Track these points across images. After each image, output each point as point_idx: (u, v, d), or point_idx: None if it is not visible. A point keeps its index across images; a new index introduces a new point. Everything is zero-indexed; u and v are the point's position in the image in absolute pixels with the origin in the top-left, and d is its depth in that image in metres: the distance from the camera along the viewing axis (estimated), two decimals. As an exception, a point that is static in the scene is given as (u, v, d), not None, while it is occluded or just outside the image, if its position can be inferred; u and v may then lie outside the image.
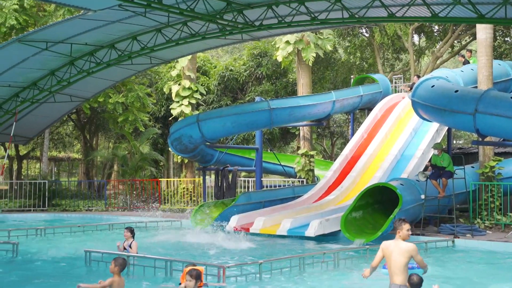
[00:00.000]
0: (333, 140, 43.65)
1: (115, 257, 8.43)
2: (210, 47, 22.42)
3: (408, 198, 14.82)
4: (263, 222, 16.37)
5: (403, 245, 7.22)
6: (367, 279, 7.83)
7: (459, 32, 32.00)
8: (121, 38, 19.18)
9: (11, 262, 12.02)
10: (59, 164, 50.70)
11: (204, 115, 20.36)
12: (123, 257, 8.55)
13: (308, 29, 21.34)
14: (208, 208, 18.99)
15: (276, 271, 10.36)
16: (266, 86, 31.86)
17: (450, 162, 16.05)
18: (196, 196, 24.93)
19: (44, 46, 18.81)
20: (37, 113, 25.44)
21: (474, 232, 15.28)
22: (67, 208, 25.35)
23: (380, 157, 19.90)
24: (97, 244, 14.59)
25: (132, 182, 26.54)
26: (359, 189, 17.33)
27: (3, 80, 21.39)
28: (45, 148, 32.50)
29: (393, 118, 21.50)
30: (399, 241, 7.28)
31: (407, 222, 7.37)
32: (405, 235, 7.27)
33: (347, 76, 36.13)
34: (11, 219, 21.82)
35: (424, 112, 16.43)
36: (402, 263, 7.18)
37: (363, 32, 36.16)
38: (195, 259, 12.18)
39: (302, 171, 24.38)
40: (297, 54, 26.44)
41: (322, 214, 16.69)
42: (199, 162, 22.78)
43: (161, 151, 35.06)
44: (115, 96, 27.57)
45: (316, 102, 21.44)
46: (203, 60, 34.75)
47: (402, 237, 7.25)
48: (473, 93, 15.26)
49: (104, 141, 44.17)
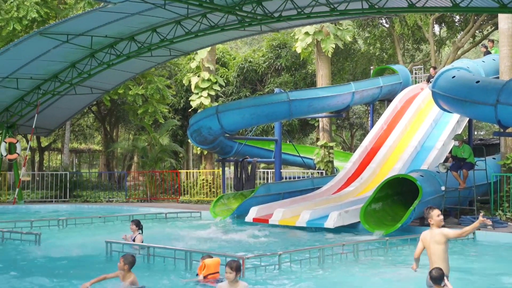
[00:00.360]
0: (353, 132, 43.49)
1: (124, 254, 8.45)
2: (229, 38, 22.43)
3: (428, 189, 14.74)
4: (282, 213, 16.40)
5: (437, 232, 7.17)
6: (387, 271, 7.82)
7: (480, 22, 31.62)
8: (140, 30, 19.28)
9: (34, 252, 12.17)
10: (80, 156, 51.15)
11: (223, 106, 20.39)
12: (132, 254, 8.58)
13: (327, 20, 21.29)
14: (227, 200, 19.09)
15: (296, 262, 10.39)
16: (285, 78, 31.79)
17: (471, 154, 15.91)
18: (216, 188, 25.02)
19: (65, 38, 18.98)
20: (58, 105, 25.70)
21: (495, 224, 15.15)
22: (88, 199, 25.60)
23: (400, 149, 19.79)
24: (117, 235, 14.71)
25: (152, 173, 26.71)
26: (379, 180, 17.27)
27: (25, 73, 21.63)
28: (66, 139, 32.84)
29: (413, 109, 21.35)
30: (433, 229, 7.21)
31: (435, 208, 7.26)
32: (437, 222, 7.16)
33: (366, 67, 35.93)
34: (33, 210, 22.08)
35: (445, 103, 16.29)
36: (440, 251, 7.13)
37: (383, 23, 35.89)
38: (215, 250, 12.26)
39: (321, 163, 24.34)
40: (316, 45, 26.34)
41: (341, 205, 16.66)
42: (218, 154, 22.85)
43: (181, 142, 35.20)
44: (135, 88, 27.73)
45: (336, 93, 21.35)
46: (222, 51, 34.75)
47: (435, 224, 7.15)
48: (494, 84, 15.09)
49: (124, 133, 44.48)
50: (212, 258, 9.45)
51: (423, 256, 7.63)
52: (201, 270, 9.17)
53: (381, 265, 10.89)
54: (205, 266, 9.13)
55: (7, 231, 13.72)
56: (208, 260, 9.26)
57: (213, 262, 9.26)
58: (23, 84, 22.57)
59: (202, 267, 9.20)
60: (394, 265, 10.97)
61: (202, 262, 9.29)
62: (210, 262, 9.21)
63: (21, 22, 23.66)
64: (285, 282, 9.30)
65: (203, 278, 9.07)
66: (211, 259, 9.37)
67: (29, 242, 12.94)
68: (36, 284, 9.01)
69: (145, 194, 26.47)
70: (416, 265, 7.58)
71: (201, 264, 9.29)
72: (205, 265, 9.14)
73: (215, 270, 9.18)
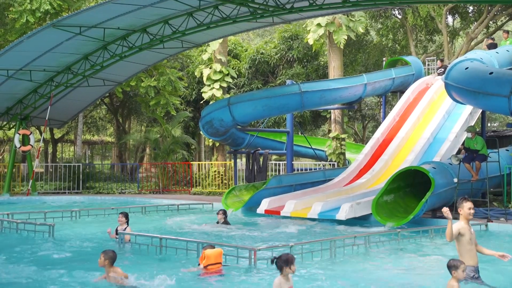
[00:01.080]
0: (365, 123, 43.38)
1: (105, 250, 8.47)
2: (241, 30, 22.41)
3: (440, 181, 14.68)
4: (294, 205, 16.41)
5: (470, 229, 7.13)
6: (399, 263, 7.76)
7: (494, 13, 31.34)
8: (153, 22, 19.31)
9: (48, 243, 12.28)
10: (92, 148, 51.45)
11: (235, 98, 20.40)
12: (112, 250, 8.54)
13: (339, 12, 21.18)
14: (239, 191, 19.12)
15: (307, 253, 10.41)
16: (297, 69, 31.74)
17: (483, 145, 15.83)
18: (227, 179, 25.08)
19: (78, 30, 19.07)
20: (71, 97, 25.84)
21: (508, 216, 15.09)
22: (100, 190, 25.76)
23: (412, 140, 19.72)
24: (130, 226, 14.81)
25: (164, 165, 26.81)
26: (391, 172, 17.22)
27: (38, 65, 21.75)
28: (79, 131, 33.05)
29: (425, 101, 21.25)
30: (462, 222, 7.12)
31: (469, 200, 7.14)
32: (466, 214, 7.06)
33: (379, 59, 35.75)
34: (47, 201, 22.25)
35: (458, 95, 16.20)
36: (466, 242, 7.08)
37: (396, 14, 35.67)
38: (226, 241, 12.31)
39: (333, 155, 24.32)
40: (328, 37, 26.26)
41: (353, 197, 16.65)
42: (230, 146, 22.88)
43: (193, 134, 35.30)
44: (147, 80, 27.81)
45: (348, 85, 21.28)
46: (234, 43, 34.74)
47: (464, 216, 7.06)
48: (508, 75, 14.97)
49: (136, 125, 44.64)
50: (214, 248, 9.47)
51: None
52: (202, 261, 9.19)
53: (392, 257, 10.89)
54: (206, 256, 9.14)
55: (21, 222, 13.85)
56: (209, 251, 9.24)
57: (214, 253, 9.25)
58: (36, 76, 22.71)
59: (202, 257, 9.21)
60: (406, 257, 10.97)
61: (203, 252, 9.30)
62: (210, 253, 9.20)
63: (34, 14, 23.78)
64: (296, 274, 9.33)
65: (203, 268, 9.09)
66: (213, 249, 9.36)
67: (42, 233, 13.05)
68: (49, 274, 9.09)
69: (157, 185, 26.59)
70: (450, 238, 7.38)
71: (202, 254, 9.31)
72: (205, 256, 9.15)
73: (216, 261, 9.19)
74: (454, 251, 11.54)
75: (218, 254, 9.30)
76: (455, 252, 11.43)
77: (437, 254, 11.24)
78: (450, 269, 6.89)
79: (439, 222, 14.71)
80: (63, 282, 8.69)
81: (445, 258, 10.81)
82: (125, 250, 11.31)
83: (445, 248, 11.88)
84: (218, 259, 9.25)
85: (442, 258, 10.82)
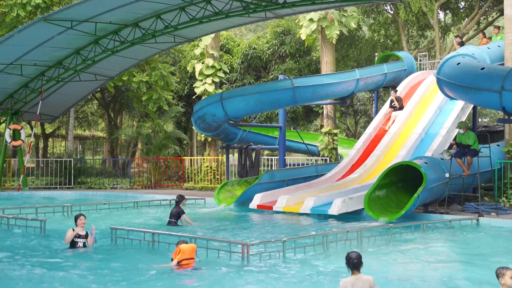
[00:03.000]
0: (357, 118, 43.48)
1: None
2: (234, 25, 22.37)
3: (432, 176, 14.74)
4: (287, 200, 16.43)
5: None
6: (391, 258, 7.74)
7: (485, 9, 31.45)
8: (145, 16, 19.24)
9: (39, 238, 12.24)
10: (84, 143, 51.31)
11: (227, 93, 20.37)
12: None
13: (332, 7, 21.18)
14: (231, 186, 19.13)
15: (300, 248, 10.43)
16: (290, 64, 31.73)
17: (475, 141, 15.89)
18: (220, 174, 25.07)
19: (69, 25, 18.96)
20: (63, 92, 25.71)
21: (499, 211, 15.17)
22: (92, 185, 25.68)
23: (404, 136, 19.78)
24: (122, 221, 14.81)
25: (156, 160, 26.76)
26: (383, 167, 17.28)
27: (29, 59, 21.63)
28: (71, 126, 32.94)
29: (417, 96, 21.30)
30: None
31: (509, 269, 6.56)
32: (508, 283, 6.48)
33: (371, 54, 35.83)
34: (38, 197, 22.17)
35: (450, 90, 16.25)
36: None
37: (388, 9, 35.73)
38: (218, 236, 12.32)
39: (325, 150, 24.35)
40: (320, 32, 26.27)
41: (346, 192, 16.69)
42: (223, 141, 22.87)
43: (185, 129, 35.24)
44: (139, 75, 27.72)
45: (340, 80, 21.29)
46: (226, 38, 34.67)
47: (506, 285, 6.46)
48: (499, 71, 15.03)
49: (128, 120, 44.54)
50: (187, 244, 9.49)
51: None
52: (176, 255, 9.21)
53: (384, 252, 10.92)
54: (180, 251, 9.16)
55: (12, 217, 13.79)
56: (184, 246, 9.28)
57: (189, 248, 9.29)
58: (27, 70, 22.58)
59: (177, 252, 9.23)
60: (398, 251, 11.00)
61: (178, 247, 9.32)
62: (185, 248, 9.23)
63: (25, 8, 23.63)
64: (289, 268, 9.34)
65: (177, 263, 9.13)
66: (187, 244, 9.40)
67: (34, 229, 13.01)
68: (41, 270, 9.06)
69: (149, 181, 26.54)
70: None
71: (176, 249, 9.33)
72: (180, 250, 9.17)
73: (190, 256, 9.23)
74: (445, 246, 11.63)
75: (192, 249, 9.36)
76: (445, 247, 11.53)
77: (428, 248, 11.29)
78: (498, 278, 6.67)
79: (430, 217, 14.80)
80: (54, 277, 8.66)
81: (436, 252, 10.91)
82: (118, 246, 11.30)
83: (436, 243, 11.94)
84: (192, 254, 9.32)
85: (433, 252, 10.88)
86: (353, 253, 6.77)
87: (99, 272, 8.96)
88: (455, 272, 9.23)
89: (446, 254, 10.85)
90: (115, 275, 8.81)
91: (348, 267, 6.74)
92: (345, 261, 6.77)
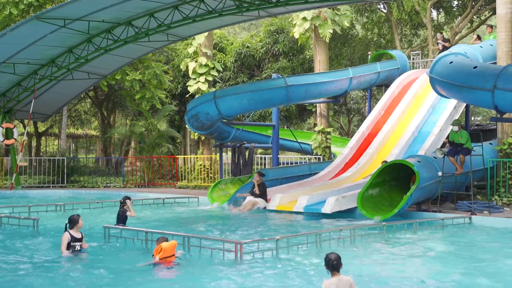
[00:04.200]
0: (350, 117, 43.54)
1: None
2: (227, 24, 22.35)
3: (425, 175, 14.78)
4: (280, 199, 16.45)
5: None
6: (384, 256, 7.76)
7: (478, 7, 31.55)
8: (138, 15, 19.20)
9: (32, 237, 12.20)
10: (77, 141, 51.16)
11: (220, 92, 20.36)
12: None
13: (325, 5, 21.19)
14: (224, 185, 19.13)
15: (293, 247, 10.44)
16: (283, 63, 31.73)
17: (468, 139, 15.94)
18: (213, 173, 25.05)
19: (62, 23, 18.91)
20: (55, 91, 25.63)
21: (492, 209, 15.24)
22: (85, 184, 25.62)
23: (397, 134, 19.83)
24: (115, 220, 14.76)
25: (149, 159, 26.72)
26: (376, 166, 17.32)
27: (22, 58, 21.55)
28: (63, 125, 32.82)
29: (410, 95, 21.36)
30: None
31: None
32: None
33: (364, 53, 35.87)
34: (31, 195, 22.10)
35: (442, 89, 16.30)
36: None
37: (381, 8, 35.79)
38: (213, 235, 12.32)
39: (318, 148, 24.35)
40: (314, 31, 26.28)
41: (339, 191, 16.72)
42: (216, 139, 22.85)
43: (178, 128, 35.19)
44: (132, 73, 27.67)
45: (333, 79, 21.33)
46: (219, 37, 34.63)
47: None
48: (492, 69, 15.09)
49: (121, 118, 44.43)
50: (168, 241, 9.58)
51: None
52: (157, 253, 9.30)
53: (377, 250, 10.95)
54: (162, 249, 9.25)
55: (4, 216, 13.75)
56: (165, 244, 9.38)
57: (170, 245, 9.39)
58: (20, 69, 22.49)
59: (158, 249, 9.32)
60: (390, 249, 11.03)
61: (159, 245, 9.40)
62: (166, 245, 9.34)
63: (17, 6, 23.54)
64: (282, 267, 9.35)
65: (158, 260, 9.22)
66: (168, 242, 9.50)
67: (27, 227, 12.97)
68: (34, 269, 9.04)
69: (142, 179, 26.50)
70: None
71: (157, 247, 9.41)
72: (161, 248, 9.26)
73: (171, 253, 9.33)
74: (437, 244, 11.66)
75: (173, 247, 9.47)
76: (438, 245, 11.55)
77: (421, 246, 11.33)
78: None
79: (423, 215, 14.83)
80: (48, 276, 8.64)
81: (427, 250, 10.95)
82: (111, 245, 11.28)
83: (429, 241, 11.98)
84: (173, 251, 9.43)
85: (425, 251, 10.91)
86: (332, 254, 6.66)
87: (87, 271, 8.97)
88: (446, 270, 9.26)
89: (439, 252, 10.88)
90: (101, 275, 8.82)
91: (328, 269, 6.64)
92: (324, 262, 6.67)
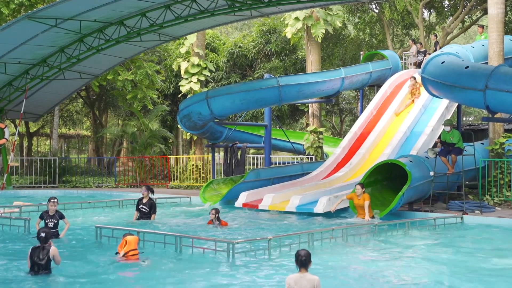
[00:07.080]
0: (342, 117, 43.60)
1: None
2: (219, 23, 22.33)
3: (417, 175, 14.82)
4: (272, 198, 16.44)
5: None
6: (378, 255, 7.80)
7: (469, 8, 31.67)
8: (130, 14, 19.16)
9: (23, 238, 12.15)
10: (69, 141, 50.94)
11: (213, 92, 20.35)
12: None
13: (317, 5, 21.20)
14: (217, 185, 19.10)
15: (285, 247, 10.44)
16: (275, 63, 31.74)
17: (459, 139, 15.99)
18: (205, 173, 25.01)
19: (54, 23, 18.84)
20: (47, 90, 25.55)
21: (483, 209, 15.29)
22: (77, 184, 25.53)
23: (389, 134, 19.86)
24: (107, 220, 14.74)
25: (141, 159, 26.66)
26: (368, 166, 17.34)
27: (13, 57, 21.46)
28: (55, 125, 32.71)
29: (402, 95, 21.40)
30: None
31: None
32: None
33: (356, 53, 35.93)
34: (22, 195, 21.98)
35: (434, 89, 16.34)
36: None
37: (373, 8, 35.86)
38: (205, 235, 12.29)
39: (311, 148, 24.37)
40: (306, 31, 26.30)
41: (331, 190, 16.74)
42: (208, 139, 22.82)
43: (170, 128, 35.14)
44: (124, 73, 27.60)
45: (325, 79, 21.35)
46: (212, 36, 34.61)
47: None
48: (483, 69, 15.14)
49: (113, 118, 44.30)
50: (132, 235, 9.82)
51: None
52: (122, 247, 9.54)
53: (370, 249, 10.96)
54: (127, 242, 9.52)
55: (-5, 216, 13.67)
56: (129, 237, 9.65)
57: (134, 239, 9.68)
58: (11, 68, 22.40)
59: (123, 244, 9.58)
60: (382, 249, 11.05)
61: (124, 239, 9.65)
62: (131, 239, 9.64)
63: (8, 5, 23.41)
64: (274, 267, 9.35)
65: (123, 255, 9.47)
66: (132, 236, 9.77)
67: (18, 228, 12.91)
68: (25, 269, 9.00)
69: (134, 179, 26.43)
70: None
71: (122, 242, 9.66)
72: (126, 242, 9.53)
73: (134, 247, 9.60)
74: (429, 243, 11.69)
75: (136, 241, 9.73)
76: (429, 244, 11.59)
77: (412, 246, 11.35)
78: None
79: (415, 215, 14.87)
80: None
81: (419, 249, 10.98)
82: (103, 245, 11.24)
83: (420, 241, 12.01)
84: (136, 245, 9.67)
85: (417, 250, 10.94)
86: (303, 251, 6.76)
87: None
88: (438, 269, 9.28)
89: (430, 252, 10.90)
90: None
91: (296, 264, 6.75)
92: (294, 258, 6.77)
